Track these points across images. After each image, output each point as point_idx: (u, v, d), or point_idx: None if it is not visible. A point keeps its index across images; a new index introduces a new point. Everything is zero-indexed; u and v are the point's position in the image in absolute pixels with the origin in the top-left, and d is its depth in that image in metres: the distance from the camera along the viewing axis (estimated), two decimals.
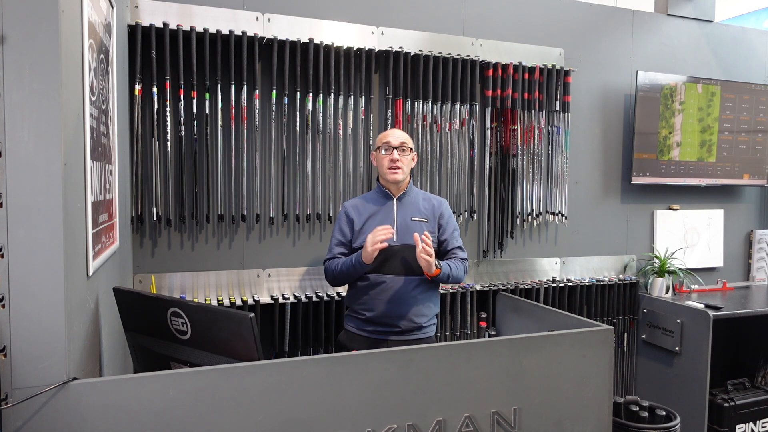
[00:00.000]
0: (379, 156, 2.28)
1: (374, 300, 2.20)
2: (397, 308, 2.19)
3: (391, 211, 2.26)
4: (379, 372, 1.44)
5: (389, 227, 2.12)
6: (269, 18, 2.58)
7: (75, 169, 1.25)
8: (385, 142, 2.26)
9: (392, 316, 2.20)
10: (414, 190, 2.35)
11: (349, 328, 2.31)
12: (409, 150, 2.28)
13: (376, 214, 2.26)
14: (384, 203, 2.29)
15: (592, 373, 1.72)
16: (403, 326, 2.21)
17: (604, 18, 3.37)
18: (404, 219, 2.25)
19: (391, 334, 2.21)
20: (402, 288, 2.20)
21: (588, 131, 3.35)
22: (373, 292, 2.21)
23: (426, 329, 2.28)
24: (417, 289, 2.22)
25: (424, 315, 2.25)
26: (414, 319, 2.21)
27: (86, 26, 1.35)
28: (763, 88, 3.64)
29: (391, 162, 2.23)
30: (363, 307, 2.23)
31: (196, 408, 1.26)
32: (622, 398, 2.71)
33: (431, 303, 2.28)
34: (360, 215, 2.27)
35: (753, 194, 3.86)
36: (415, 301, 2.21)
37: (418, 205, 2.30)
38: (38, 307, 1.12)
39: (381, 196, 2.31)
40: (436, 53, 2.86)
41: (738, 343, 3.62)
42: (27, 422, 1.14)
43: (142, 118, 2.40)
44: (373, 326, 2.23)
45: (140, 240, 2.50)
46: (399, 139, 2.26)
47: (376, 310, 2.20)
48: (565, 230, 3.30)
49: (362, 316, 2.24)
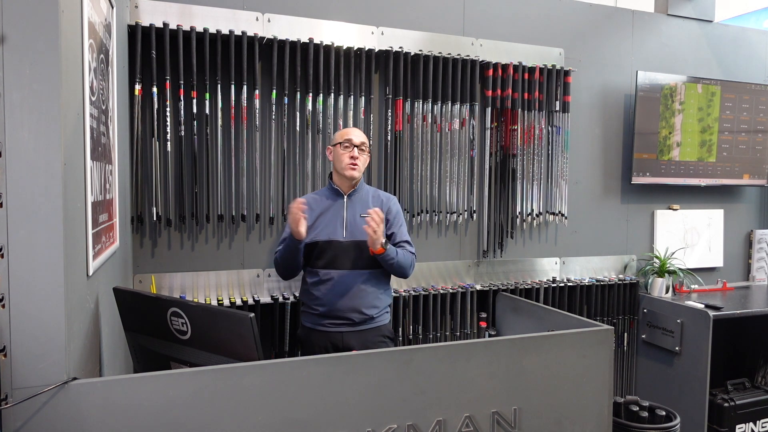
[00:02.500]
0: (338, 151, 2.32)
1: (325, 295, 2.26)
2: (347, 302, 2.25)
3: (341, 208, 2.32)
4: (379, 372, 1.44)
5: (301, 201, 2.16)
6: (269, 18, 2.58)
7: (75, 169, 1.25)
8: (347, 138, 2.31)
9: (343, 310, 2.25)
10: (364, 188, 2.40)
11: (305, 323, 2.35)
12: (366, 150, 2.35)
13: (327, 211, 2.32)
14: (335, 200, 2.34)
15: (592, 373, 1.72)
16: (356, 318, 2.26)
17: (604, 18, 3.37)
18: (353, 215, 2.30)
19: (344, 326, 2.27)
20: (351, 282, 2.25)
21: (588, 131, 3.35)
22: (323, 287, 2.26)
23: (378, 319, 2.33)
24: (366, 282, 2.28)
25: (375, 307, 2.31)
26: (364, 311, 2.27)
27: (86, 26, 1.35)
28: (763, 88, 3.64)
29: (351, 159, 2.28)
30: (315, 302, 2.29)
31: (196, 408, 1.26)
32: (622, 398, 2.71)
33: (381, 295, 2.34)
34: (312, 211, 2.30)
35: (753, 194, 3.86)
36: (365, 294, 2.27)
37: (368, 201, 2.34)
38: (38, 307, 1.12)
39: (332, 194, 2.36)
40: (436, 53, 2.86)
41: (738, 343, 3.62)
42: (27, 422, 1.14)
43: (142, 118, 2.40)
44: (327, 320, 2.28)
45: (140, 240, 2.50)
46: (360, 138, 2.32)
47: (327, 304, 2.26)
48: (565, 230, 3.30)
49: (315, 311, 2.29)
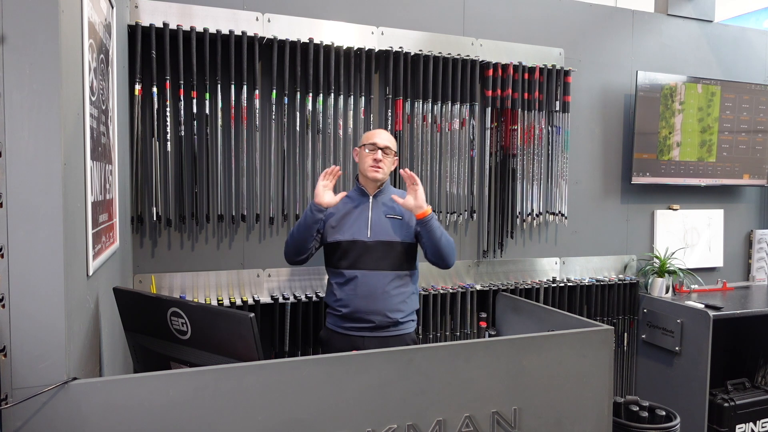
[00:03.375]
0: (363, 153, 2.31)
1: (349, 296, 2.22)
2: (371, 303, 2.20)
3: (367, 209, 2.29)
4: (379, 372, 1.44)
5: (337, 168, 2.23)
6: (269, 18, 2.58)
7: (75, 169, 1.25)
8: (371, 142, 2.28)
9: (367, 311, 2.20)
10: (390, 189, 2.38)
11: (328, 325, 2.33)
12: (392, 153, 2.32)
13: (352, 212, 2.29)
14: (361, 201, 2.32)
15: (592, 373, 1.72)
16: (378, 321, 2.21)
17: (604, 18, 3.37)
18: (379, 216, 2.28)
19: (366, 330, 2.22)
20: (375, 282, 2.21)
21: (588, 131, 3.35)
22: (347, 287, 2.23)
23: (403, 325, 2.27)
24: (391, 284, 2.23)
25: (400, 311, 2.25)
26: (389, 315, 2.22)
27: (86, 26, 1.35)
28: (763, 88, 3.64)
29: (374, 161, 2.26)
30: (338, 303, 2.25)
31: (196, 408, 1.26)
32: (622, 398, 2.71)
33: (407, 299, 2.29)
34: (337, 210, 2.29)
35: (753, 194, 3.86)
36: (390, 297, 2.22)
37: (394, 203, 2.32)
38: (38, 307, 1.12)
39: (358, 194, 2.34)
40: (436, 53, 2.86)
41: (738, 343, 3.62)
42: (27, 422, 1.14)
43: (142, 118, 2.40)
44: (349, 322, 2.24)
45: (140, 240, 2.50)
46: (385, 142, 2.29)
47: (350, 305, 2.22)
48: (565, 230, 3.30)
49: (338, 312, 2.26)
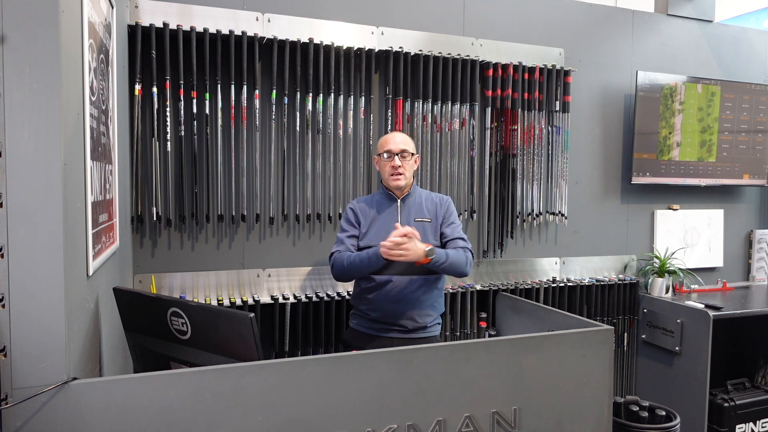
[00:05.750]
0: (381, 161, 2.30)
1: (379, 300, 2.22)
2: (401, 308, 2.22)
3: (395, 213, 2.28)
4: (379, 372, 1.44)
5: (402, 233, 2.01)
6: (269, 18, 2.58)
7: (75, 169, 1.25)
8: (386, 149, 2.27)
9: (397, 316, 2.22)
10: (417, 191, 2.36)
11: (353, 326, 2.33)
12: (410, 155, 2.28)
13: (380, 217, 2.28)
14: (389, 206, 2.31)
15: (592, 373, 1.72)
16: (408, 326, 2.23)
17: (604, 18, 3.37)
18: (408, 220, 2.27)
19: (396, 332, 2.24)
20: (405, 288, 2.21)
21: (588, 131, 3.35)
22: (377, 292, 2.23)
23: (430, 329, 2.30)
24: (420, 289, 2.23)
25: (429, 315, 2.27)
26: (417, 319, 2.24)
27: (86, 26, 1.35)
28: (763, 88, 3.64)
29: (393, 168, 2.24)
30: (368, 307, 2.25)
31: (196, 408, 1.26)
32: (622, 398, 2.71)
33: (435, 303, 2.31)
34: (365, 216, 2.29)
35: (753, 194, 3.86)
36: (419, 301, 2.23)
37: (422, 205, 2.31)
38: (38, 307, 1.12)
39: (385, 198, 2.32)
40: (436, 53, 2.86)
41: (738, 343, 3.62)
42: (27, 422, 1.14)
43: (142, 118, 2.40)
44: (379, 324, 2.25)
45: (140, 240, 2.50)
46: (399, 145, 2.26)
47: (380, 310, 2.23)
48: (565, 230, 3.30)
49: (368, 316, 2.27)
